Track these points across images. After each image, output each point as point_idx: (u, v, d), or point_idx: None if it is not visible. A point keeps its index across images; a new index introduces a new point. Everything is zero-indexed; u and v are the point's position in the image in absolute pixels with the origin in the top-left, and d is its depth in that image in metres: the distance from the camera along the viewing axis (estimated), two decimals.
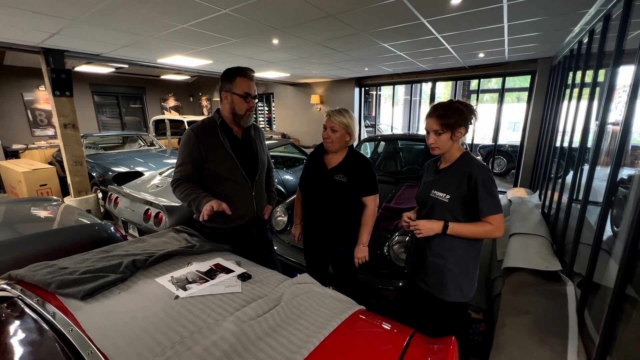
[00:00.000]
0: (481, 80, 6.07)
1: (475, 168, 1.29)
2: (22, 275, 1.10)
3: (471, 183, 1.28)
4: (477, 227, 1.29)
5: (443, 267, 1.38)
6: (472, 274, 1.40)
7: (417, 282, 1.50)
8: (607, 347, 1.29)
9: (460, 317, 1.52)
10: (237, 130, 1.64)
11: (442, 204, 1.34)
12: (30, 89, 7.06)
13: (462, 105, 1.31)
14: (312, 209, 1.77)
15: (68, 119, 3.81)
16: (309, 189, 1.78)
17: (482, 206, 1.26)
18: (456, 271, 1.37)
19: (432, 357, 0.85)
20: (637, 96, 1.41)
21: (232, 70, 1.53)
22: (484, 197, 1.25)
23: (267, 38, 3.27)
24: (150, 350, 0.78)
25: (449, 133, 1.31)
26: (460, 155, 1.37)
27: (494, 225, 1.27)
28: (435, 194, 1.36)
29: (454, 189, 1.32)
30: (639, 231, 1.19)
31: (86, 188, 4.17)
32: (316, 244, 1.83)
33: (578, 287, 1.79)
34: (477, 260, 1.40)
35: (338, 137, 1.63)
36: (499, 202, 1.28)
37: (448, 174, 1.37)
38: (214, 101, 9.80)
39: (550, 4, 2.32)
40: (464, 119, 1.30)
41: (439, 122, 1.30)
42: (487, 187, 1.26)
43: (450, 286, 1.38)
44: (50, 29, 2.83)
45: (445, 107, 1.31)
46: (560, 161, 2.96)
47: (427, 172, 1.52)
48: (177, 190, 1.55)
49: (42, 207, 2.36)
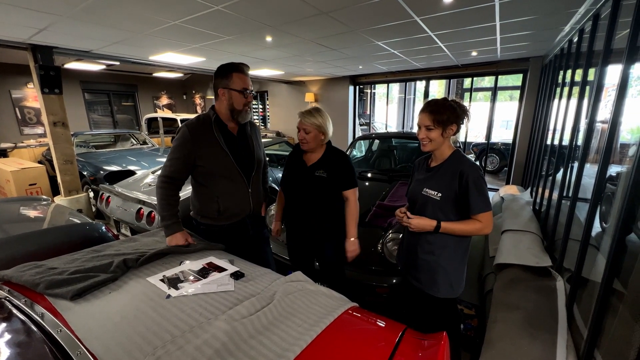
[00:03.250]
0: (474, 79, 6.12)
1: (467, 167, 1.31)
2: (10, 275, 1.08)
3: (462, 181, 1.30)
4: (467, 225, 1.32)
5: (434, 264, 1.41)
6: (462, 270, 1.45)
7: (409, 279, 1.53)
8: (595, 341, 1.32)
9: (451, 312, 1.55)
10: (232, 127, 1.63)
11: (434, 201, 1.36)
12: (18, 87, 6.91)
13: (455, 104, 1.33)
14: (295, 207, 1.79)
15: (58, 117, 3.74)
16: (290, 188, 1.80)
17: (473, 204, 1.29)
18: (447, 268, 1.40)
19: (424, 353, 0.85)
20: (625, 95, 1.43)
21: (227, 67, 1.52)
22: (475, 195, 1.28)
23: (260, 35, 3.25)
24: (140, 350, 0.77)
25: (440, 129, 1.32)
26: (451, 154, 1.39)
27: (483, 222, 1.30)
28: (427, 191, 1.39)
29: (445, 187, 1.34)
30: (626, 227, 1.21)
31: (77, 187, 4.10)
32: (301, 241, 1.84)
33: (567, 282, 1.82)
34: (466, 256, 1.45)
35: (312, 137, 1.65)
36: (488, 201, 1.31)
37: (439, 171, 1.39)
38: (207, 99, 9.71)
39: (541, 3, 2.35)
40: (455, 117, 1.32)
41: (430, 117, 1.32)
42: (477, 186, 1.28)
43: (441, 283, 1.41)
44: (38, 24, 2.77)
45: (438, 103, 1.33)
46: (551, 159, 3.00)
47: (418, 169, 1.54)
48: (159, 190, 1.53)
49: (31, 207, 2.32)
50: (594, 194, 1.56)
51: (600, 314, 1.30)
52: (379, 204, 2.55)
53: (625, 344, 1.19)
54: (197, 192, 1.64)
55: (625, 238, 1.24)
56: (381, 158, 4.02)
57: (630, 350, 1.12)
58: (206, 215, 1.62)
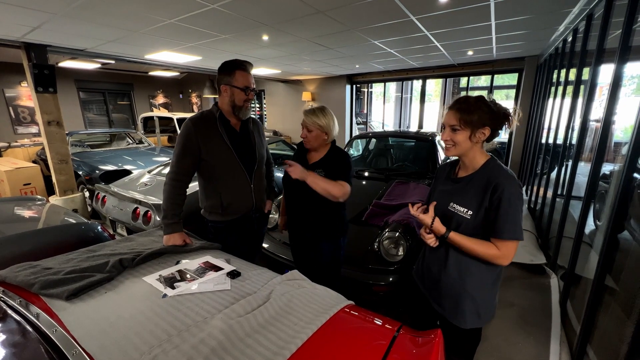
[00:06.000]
0: (470, 78, 6.15)
1: (503, 179, 1.06)
2: (4, 276, 1.07)
3: (494, 196, 1.05)
4: (480, 246, 1.08)
5: (460, 290, 1.17)
6: (492, 298, 1.19)
7: (431, 302, 1.29)
8: (588, 336, 1.34)
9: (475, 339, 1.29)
10: (235, 123, 1.65)
11: (463, 220, 1.12)
12: (12, 85, 6.83)
13: (491, 104, 1.09)
14: (294, 204, 1.81)
15: (52, 116, 3.71)
16: (290, 185, 1.80)
17: (499, 226, 1.04)
18: (475, 295, 1.16)
19: (419, 350, 0.86)
20: (617, 94, 1.45)
21: (230, 64, 1.54)
22: (504, 216, 1.03)
23: (257, 34, 3.24)
24: (136, 349, 0.77)
25: (468, 131, 1.08)
26: (485, 162, 1.13)
27: (502, 252, 1.05)
28: (455, 207, 1.14)
29: (476, 204, 1.10)
30: (618, 224, 1.23)
31: (72, 187, 4.07)
32: (300, 239, 1.85)
33: (561, 279, 1.85)
34: (498, 282, 1.19)
35: (314, 136, 1.64)
36: (520, 228, 1.05)
37: (469, 184, 1.14)
38: (204, 98, 9.67)
39: (536, 3, 2.36)
40: (489, 119, 1.07)
41: (457, 116, 1.08)
42: (512, 206, 1.03)
43: (467, 312, 1.17)
44: (31, 22, 2.74)
45: (469, 101, 1.09)
46: (545, 157, 3.03)
47: (443, 178, 1.28)
48: (166, 187, 1.55)
49: (26, 207, 2.30)
50: (587, 192, 1.58)
51: (592, 310, 1.32)
52: (375, 203, 2.56)
53: (617, 340, 1.20)
54: (202, 188, 1.68)
55: (617, 235, 1.26)
56: (378, 157, 4.03)
57: (621, 345, 1.14)
58: (212, 211, 1.65)
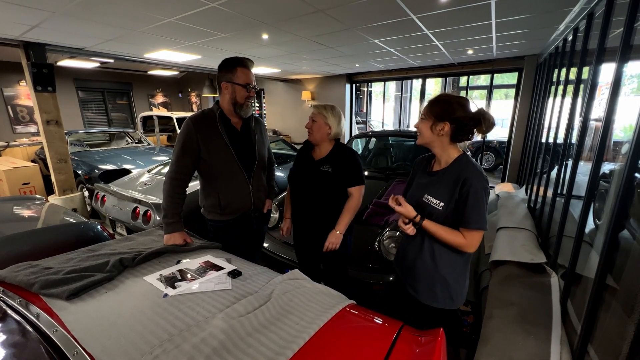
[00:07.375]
0: (470, 77, 6.14)
1: (471, 174, 1.16)
2: (4, 276, 1.07)
3: (463, 189, 1.16)
4: (449, 234, 1.18)
5: (433, 273, 1.28)
6: (463, 282, 1.31)
7: (406, 287, 1.40)
8: (589, 336, 1.34)
9: (449, 318, 1.41)
10: (236, 122, 1.64)
11: (436, 211, 1.22)
12: (10, 84, 6.80)
13: (453, 99, 1.18)
14: (300, 201, 1.80)
15: (51, 115, 3.69)
16: (296, 181, 1.81)
17: (466, 217, 1.15)
18: (447, 278, 1.27)
19: (421, 349, 0.86)
20: (618, 93, 1.44)
21: (231, 61, 1.53)
22: (470, 207, 1.14)
23: (256, 33, 3.23)
24: (138, 349, 0.77)
25: (430, 122, 1.20)
26: (457, 157, 1.23)
27: (468, 241, 1.16)
28: (428, 199, 1.25)
29: (448, 196, 1.20)
30: (619, 223, 1.23)
31: (71, 186, 4.06)
32: (306, 237, 1.84)
33: (562, 278, 1.85)
34: (467, 266, 1.32)
35: (317, 127, 1.66)
36: (484, 219, 1.15)
37: (443, 177, 1.24)
38: (203, 97, 9.65)
39: (537, 2, 2.36)
40: (452, 117, 1.16)
41: (427, 106, 1.22)
42: (477, 198, 1.14)
43: (440, 294, 1.29)
44: (30, 21, 2.72)
45: (444, 96, 1.21)
46: (545, 156, 3.03)
47: (420, 171, 1.39)
48: (166, 187, 1.54)
49: (25, 206, 2.29)
50: (587, 191, 1.57)
51: (593, 309, 1.32)
52: (375, 202, 2.56)
53: (618, 339, 1.21)
54: (201, 187, 1.68)
55: (618, 235, 1.26)
56: (378, 156, 4.03)
57: (622, 345, 1.14)
58: (211, 210, 1.65)
